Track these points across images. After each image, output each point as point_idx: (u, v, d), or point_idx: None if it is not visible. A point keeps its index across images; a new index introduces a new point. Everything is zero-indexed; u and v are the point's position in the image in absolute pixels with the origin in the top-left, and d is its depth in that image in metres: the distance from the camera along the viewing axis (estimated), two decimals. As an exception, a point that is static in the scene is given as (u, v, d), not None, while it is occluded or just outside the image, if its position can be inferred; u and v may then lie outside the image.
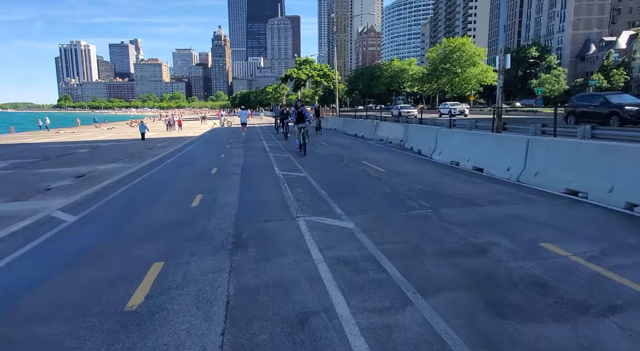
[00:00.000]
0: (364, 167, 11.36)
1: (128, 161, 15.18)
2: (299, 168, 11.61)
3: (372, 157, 13.36)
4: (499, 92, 15.28)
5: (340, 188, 8.56)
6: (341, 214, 6.45)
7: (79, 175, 11.74)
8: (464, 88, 71.82)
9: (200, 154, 16.93)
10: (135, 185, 9.70)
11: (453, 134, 12.01)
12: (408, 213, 6.46)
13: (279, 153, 15.70)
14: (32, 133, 42.10)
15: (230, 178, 10.17)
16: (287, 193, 8.22)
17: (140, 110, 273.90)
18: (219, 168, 12.09)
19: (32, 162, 15.60)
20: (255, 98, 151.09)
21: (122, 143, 24.86)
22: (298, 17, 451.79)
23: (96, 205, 7.57)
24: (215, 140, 24.72)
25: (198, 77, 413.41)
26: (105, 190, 9.09)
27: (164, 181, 10.31)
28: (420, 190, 8.10)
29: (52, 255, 5.02)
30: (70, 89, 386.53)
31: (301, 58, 58.08)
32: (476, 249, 4.75)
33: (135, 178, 10.66)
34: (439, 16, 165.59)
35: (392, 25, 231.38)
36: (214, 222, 6.17)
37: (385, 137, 18.94)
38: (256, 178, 10.08)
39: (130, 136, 32.02)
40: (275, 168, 11.61)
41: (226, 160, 14.00)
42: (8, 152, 20.52)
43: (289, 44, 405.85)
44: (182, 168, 12.65)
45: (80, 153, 19.09)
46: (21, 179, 11.37)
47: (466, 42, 70.05)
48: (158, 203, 7.53)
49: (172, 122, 41.96)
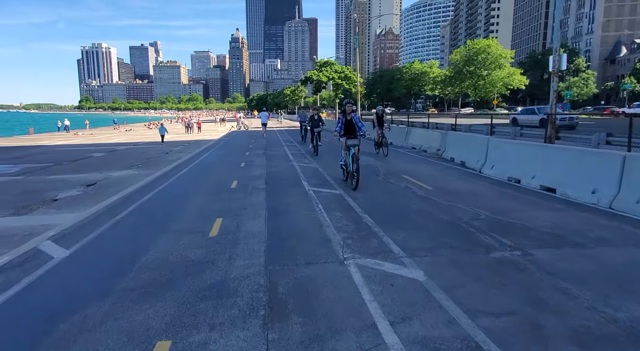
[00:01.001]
0: (405, 183, 9.85)
1: (142, 167, 14.14)
2: (331, 182, 10.16)
3: (411, 170, 11.83)
4: (552, 97, 13.57)
5: (386, 213, 7.08)
6: (401, 255, 4.97)
7: (89, 184, 10.82)
8: (489, 91, 69.31)
9: (219, 162, 15.65)
10: (145, 204, 8.39)
11: (511, 145, 10.37)
12: (489, 256, 4.94)
13: (304, 163, 14.28)
14: (51, 134, 41.89)
15: (253, 196, 8.78)
16: (324, 218, 6.78)
17: (159, 111, 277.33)
18: (240, 181, 10.73)
19: (45, 166, 14.76)
20: (273, 101, 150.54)
21: (138, 147, 23.99)
22: (315, 19, 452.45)
23: (95, 232, 6.25)
24: (234, 146, 23.49)
25: (215, 79, 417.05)
26: (111, 209, 7.80)
27: (177, 198, 8.99)
28: (489, 219, 6.55)
29: (13, 325, 3.67)
30: (91, 91, 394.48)
31: (322, 60, 56.59)
32: (628, 332, 3.22)
33: (146, 193, 9.37)
34: (459, 18, 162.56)
35: (410, 27, 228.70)
36: (239, 264, 4.76)
37: (418, 145, 17.35)
38: (283, 197, 8.67)
39: (147, 139, 31.26)
40: (304, 183, 10.19)
41: (247, 171, 12.64)
42: (23, 155, 19.80)
43: (306, 46, 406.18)
44: (198, 180, 11.35)
45: (94, 157, 18.19)
46: (29, 187, 10.53)
47: (492, 44, 67.64)
48: (169, 232, 6.17)
49: (190, 124, 41.34)
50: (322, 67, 54.92)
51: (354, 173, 9.06)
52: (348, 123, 9.53)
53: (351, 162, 9.20)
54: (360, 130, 9.50)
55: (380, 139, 15.73)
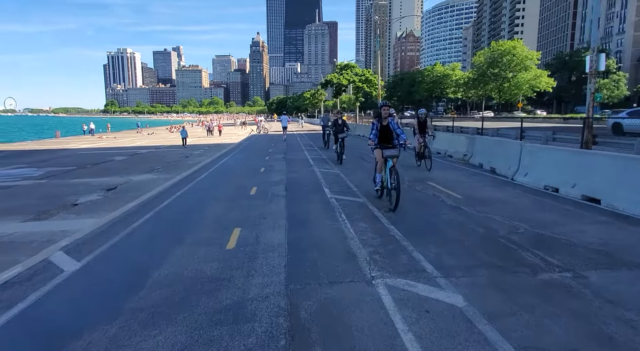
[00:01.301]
0: (433, 191, 9.32)
1: (163, 172, 14.08)
2: (354, 190, 9.72)
3: (438, 177, 11.27)
4: (589, 99, 12.81)
5: (414, 224, 6.60)
6: (435, 274, 4.50)
7: (110, 188, 10.79)
8: (515, 94, 67.41)
9: (238, 167, 15.41)
10: (163, 211, 8.14)
11: (547, 151, 9.69)
12: (536, 278, 4.41)
13: (324, 168, 13.89)
14: (76, 138, 42.82)
15: (273, 203, 8.42)
16: (347, 230, 6.35)
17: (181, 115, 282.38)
18: (259, 187, 10.41)
19: (68, 170, 14.92)
20: (292, 104, 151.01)
21: (160, 150, 24.13)
22: (335, 22, 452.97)
23: (109, 243, 5.99)
24: (254, 150, 23.31)
25: (236, 83, 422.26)
26: (128, 217, 7.58)
27: (195, 205, 8.71)
28: (529, 233, 5.99)
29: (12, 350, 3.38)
30: (116, 95, 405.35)
31: (342, 62, 56.17)
32: None
33: (164, 199, 9.14)
34: (482, 19, 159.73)
35: (432, 30, 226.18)
36: (257, 282, 4.38)
37: (444, 150, 16.71)
38: (304, 204, 8.28)
39: (168, 142, 31.52)
40: (325, 190, 9.78)
41: (266, 176, 12.33)
42: (49, 158, 20.15)
43: (326, 49, 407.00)
44: (217, 186, 11.09)
45: (116, 161, 18.31)
46: (51, 191, 10.57)
47: (517, 45, 65.82)
48: (185, 243, 5.85)
49: (211, 127, 41.74)
50: (343, 70, 54.46)
51: (392, 189, 7.53)
52: (384, 129, 7.95)
53: (388, 175, 7.69)
54: (400, 138, 7.84)
55: (422, 149, 13.28)
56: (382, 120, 7.98)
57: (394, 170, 7.49)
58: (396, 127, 7.96)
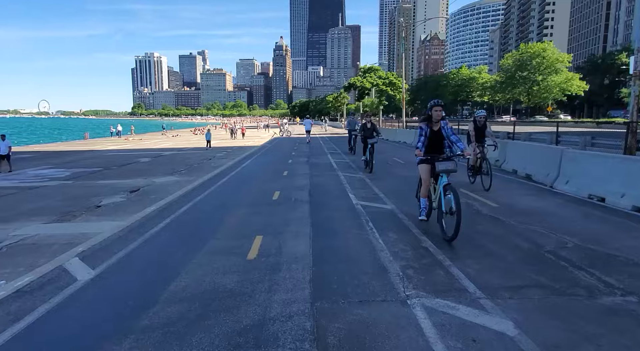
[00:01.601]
0: (465, 198, 8.76)
1: (185, 174, 14.05)
2: (380, 196, 9.26)
3: (469, 183, 10.68)
4: (632, 103, 11.94)
5: (449, 235, 6.09)
6: (478, 294, 4.01)
7: (133, 190, 10.80)
8: (545, 97, 65.27)
9: (260, 170, 15.16)
10: (183, 216, 7.90)
11: (591, 158, 8.97)
12: (596, 302, 3.86)
13: (349, 173, 13.45)
14: (104, 139, 43.86)
15: (296, 210, 8.06)
16: (376, 240, 5.91)
17: (205, 117, 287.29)
18: (282, 191, 10.07)
19: (93, 171, 15.13)
20: (315, 107, 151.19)
21: (183, 153, 24.28)
22: (358, 26, 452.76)
23: (126, 249, 5.75)
24: (277, 153, 23.10)
25: (259, 86, 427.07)
26: (148, 221, 7.37)
27: (216, 210, 8.44)
28: (580, 248, 5.40)
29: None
30: (143, 98, 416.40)
31: (366, 65, 55.63)
32: None
33: (185, 203, 8.93)
34: (510, 21, 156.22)
35: (457, 32, 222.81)
36: (280, 299, 4.00)
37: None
38: (329, 211, 7.87)
39: (191, 144, 31.77)
40: (351, 196, 9.35)
41: (289, 181, 12.00)
42: (76, 159, 20.55)
43: (349, 53, 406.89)
44: (239, 190, 10.83)
45: (141, 162, 18.46)
46: (76, 192, 10.71)
47: (547, 48, 63.75)
48: (204, 251, 5.55)
49: (235, 130, 42.09)
50: (366, 73, 53.92)
51: (448, 214, 5.70)
52: (435, 136, 6.17)
53: (442, 194, 5.89)
54: (456, 148, 6.08)
55: (478, 162, 10.14)
56: (432, 124, 6.18)
57: (450, 189, 5.69)
58: (450, 133, 6.16)
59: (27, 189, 11.25)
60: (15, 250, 5.89)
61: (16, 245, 6.12)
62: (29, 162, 19.10)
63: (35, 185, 11.85)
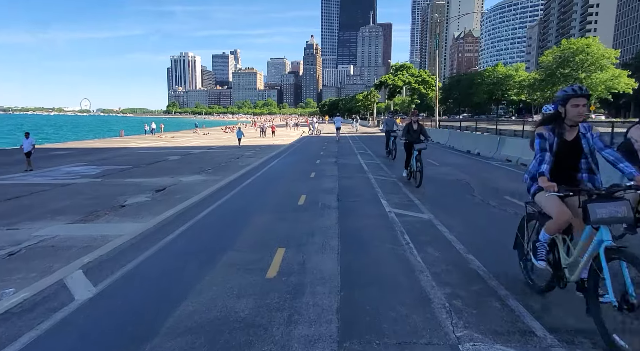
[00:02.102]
0: (514, 209, 7.81)
1: (212, 173, 13.84)
2: (415, 203, 8.43)
3: (515, 190, 9.67)
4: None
5: (499, 254, 5.23)
6: (549, 341, 3.18)
7: (158, 189, 10.69)
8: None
9: (287, 171, 14.59)
10: (202, 221, 7.39)
11: None
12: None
13: (380, 175, 12.64)
14: (138, 137, 44.84)
15: (323, 217, 7.37)
16: (414, 257, 5.14)
17: (236, 116, 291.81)
18: (309, 195, 9.41)
19: (123, 169, 15.23)
20: (344, 106, 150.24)
21: (211, 151, 24.21)
22: (390, 24, 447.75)
23: (136, 260, 5.24)
24: (305, 153, 22.51)
25: (289, 85, 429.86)
26: (168, 225, 6.95)
27: (238, 215, 7.89)
28: None
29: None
30: (177, 96, 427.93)
31: (397, 63, 54.26)
32: None
33: (206, 206, 8.45)
34: (550, 17, 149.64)
35: (492, 29, 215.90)
36: (301, 334, 3.31)
37: (515, 158, 14.84)
38: (359, 219, 7.14)
39: (221, 143, 31.80)
40: (383, 202, 8.57)
41: (317, 183, 11.33)
42: (109, 156, 20.88)
43: (379, 51, 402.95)
44: (264, 192, 10.26)
45: (170, 160, 18.44)
46: (104, 190, 10.63)
47: (592, 43, 60.14)
48: (218, 265, 4.96)
49: (264, 128, 42.20)
50: (398, 71, 52.50)
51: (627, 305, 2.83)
52: (569, 149, 3.56)
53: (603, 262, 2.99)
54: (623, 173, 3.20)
55: None
56: (562, 129, 3.54)
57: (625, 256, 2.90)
58: (602, 146, 3.42)
59: (59, 186, 11.39)
60: (33, 252, 5.64)
61: (35, 246, 5.90)
62: (65, 158, 19.55)
63: (66, 183, 11.98)
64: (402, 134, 11.21)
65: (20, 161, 16.11)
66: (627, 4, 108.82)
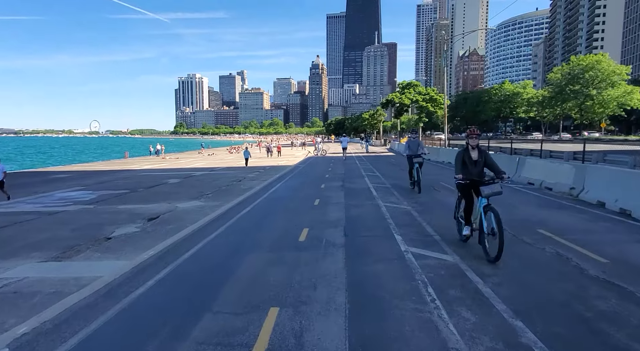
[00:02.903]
0: (553, 246, 6.59)
1: (211, 198, 13.01)
2: (435, 239, 7.24)
3: (547, 220, 8.46)
4: None
5: (555, 319, 4.03)
6: None
7: (152, 217, 9.83)
8: (600, 113, 60.30)
9: (289, 197, 13.47)
10: (187, 263, 6.31)
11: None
12: None
13: (391, 202, 11.46)
14: (142, 158, 44.33)
15: (327, 259, 6.20)
16: (444, 323, 3.96)
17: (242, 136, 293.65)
18: (312, 229, 8.27)
19: (120, 194, 14.48)
20: (350, 125, 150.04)
21: (214, 173, 23.45)
22: (395, 44, 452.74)
23: (86, 330, 4.11)
24: (309, 175, 21.44)
25: (295, 104, 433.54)
26: (146, 270, 5.85)
27: (228, 255, 6.78)
28: None
29: None
30: (185, 117, 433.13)
31: (404, 81, 53.38)
32: None
33: (198, 241, 7.39)
34: (555, 35, 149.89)
35: (498, 47, 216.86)
36: None
37: (538, 180, 13.59)
38: (371, 266, 5.94)
39: (225, 164, 31.10)
40: (397, 237, 7.39)
41: (321, 212, 10.18)
42: (109, 179, 20.20)
43: (385, 70, 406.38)
44: (261, 225, 9.13)
45: (169, 184, 17.66)
46: (93, 219, 9.84)
47: (602, 60, 59.20)
48: (191, 337, 3.82)
49: (270, 148, 41.96)
50: (405, 89, 51.71)
51: None
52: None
53: None
54: None
55: None
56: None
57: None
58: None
59: (46, 214, 10.61)
60: (-12, 301, 4.65)
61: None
62: (63, 182, 18.87)
63: (55, 211, 11.19)
64: (457, 169, 6.70)
65: (17, 185, 15.32)
66: (634, 21, 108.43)
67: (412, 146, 13.51)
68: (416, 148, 13.42)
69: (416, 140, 13.99)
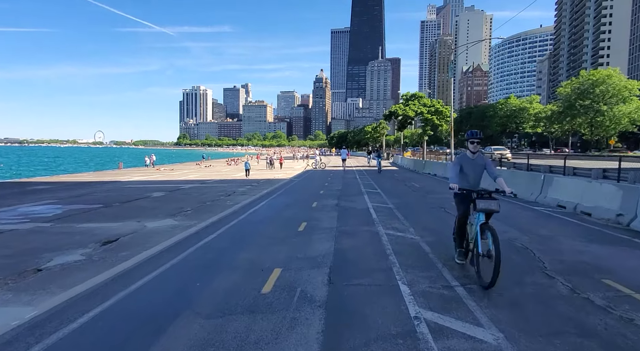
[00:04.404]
0: (634, 312, 4.38)
1: (189, 215, 11.56)
2: (460, 296, 4.98)
3: (609, 264, 6.23)
4: None
5: None
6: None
7: (108, 241, 8.32)
8: (611, 129, 58.13)
9: (271, 218, 11.31)
10: (104, 318, 4.11)
11: None
12: None
13: (394, 230, 9.23)
14: (136, 169, 42.83)
15: (292, 337, 3.98)
16: None
17: (245, 148, 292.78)
18: (285, 268, 6.07)
19: (91, 209, 12.92)
20: (353, 138, 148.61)
21: (204, 186, 21.67)
22: (398, 59, 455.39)
23: None
24: (302, 191, 19.28)
25: (299, 117, 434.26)
26: (51, 318, 3.66)
27: (159, 314, 4.61)
28: None
29: None
30: (188, 128, 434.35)
31: (408, 93, 51.45)
32: None
33: (140, 277, 5.24)
34: (560, 51, 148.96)
35: (501, 63, 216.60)
36: None
37: (572, 203, 11.30)
38: (362, 346, 3.74)
39: (219, 176, 29.50)
40: (403, 289, 5.16)
41: (304, 243, 7.95)
42: (89, 192, 18.55)
43: (388, 85, 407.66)
44: (219, 263, 6.96)
45: (151, 198, 15.99)
46: (37, 242, 8.26)
47: (613, 74, 57.32)
48: None
49: (272, 160, 41.00)
50: (409, 101, 49.74)
51: None
52: None
53: None
54: None
55: None
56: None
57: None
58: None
59: None
60: None
61: None
62: (37, 195, 17.14)
63: (4, 229, 9.57)
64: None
65: None
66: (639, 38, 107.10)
67: (469, 168, 5.89)
68: (479, 175, 5.95)
69: (479, 156, 5.95)
